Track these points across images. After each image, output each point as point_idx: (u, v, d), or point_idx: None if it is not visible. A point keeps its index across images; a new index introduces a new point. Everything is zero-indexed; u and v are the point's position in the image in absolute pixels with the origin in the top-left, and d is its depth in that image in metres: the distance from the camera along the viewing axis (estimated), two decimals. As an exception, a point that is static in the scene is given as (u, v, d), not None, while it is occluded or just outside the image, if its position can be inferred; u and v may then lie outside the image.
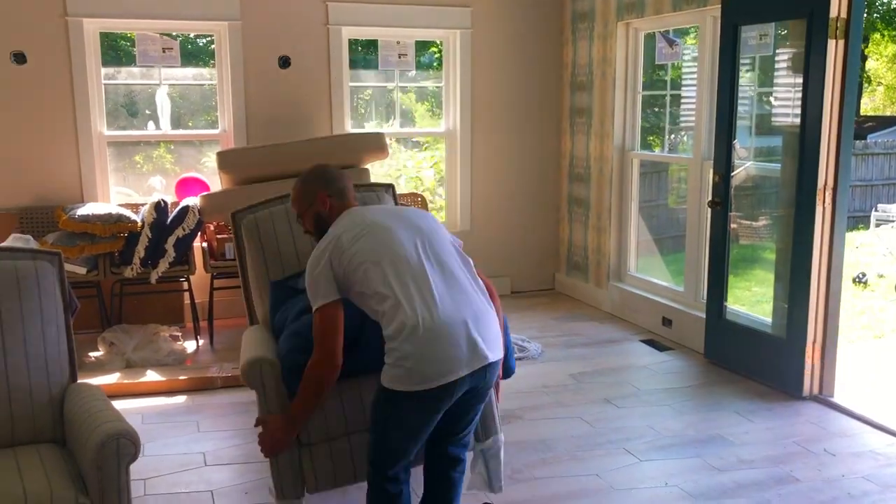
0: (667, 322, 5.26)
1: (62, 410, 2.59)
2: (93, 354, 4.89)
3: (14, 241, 4.84)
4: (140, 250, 5.00)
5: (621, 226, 5.85)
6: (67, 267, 4.83)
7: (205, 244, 5.34)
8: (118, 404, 4.03)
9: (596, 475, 3.36)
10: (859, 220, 12.74)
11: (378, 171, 6.17)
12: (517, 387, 4.36)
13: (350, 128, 5.97)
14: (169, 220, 5.09)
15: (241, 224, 3.37)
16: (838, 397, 4.12)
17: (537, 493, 3.21)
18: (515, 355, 4.78)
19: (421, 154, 6.84)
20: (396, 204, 3.58)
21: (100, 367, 4.70)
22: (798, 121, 4.09)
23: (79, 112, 5.30)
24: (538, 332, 5.42)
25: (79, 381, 2.79)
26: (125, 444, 2.20)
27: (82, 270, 4.95)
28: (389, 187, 3.64)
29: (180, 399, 4.29)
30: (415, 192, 5.91)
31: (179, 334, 5.17)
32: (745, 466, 3.42)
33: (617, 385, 4.42)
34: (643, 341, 5.21)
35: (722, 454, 3.53)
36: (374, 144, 5.30)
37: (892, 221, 11.57)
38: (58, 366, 2.65)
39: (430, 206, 6.23)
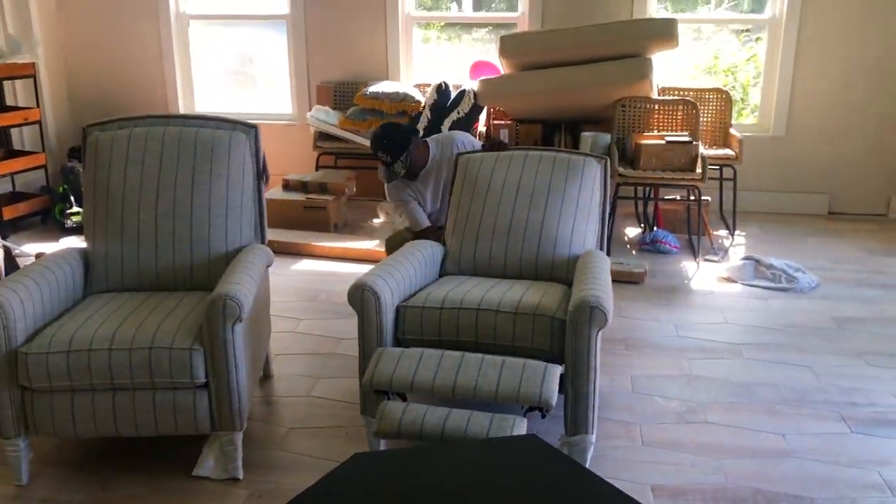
0: None
1: (235, 265, 2.92)
2: (374, 221, 5.37)
3: (316, 111, 5.43)
4: (420, 129, 5.26)
5: (976, 147, 4.63)
6: (357, 139, 5.31)
7: (484, 129, 5.43)
8: (357, 268, 4.45)
9: (782, 435, 2.87)
10: None
11: (681, 60, 5.63)
12: (758, 320, 3.84)
13: (655, 12, 5.49)
14: (449, 102, 5.26)
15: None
16: None
17: (697, 438, 2.85)
18: (781, 285, 4.20)
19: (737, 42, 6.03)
20: None
21: (372, 232, 5.15)
22: None
23: (385, -7, 5.62)
24: (829, 263, 4.64)
25: (266, 242, 3.12)
26: (231, 305, 2.42)
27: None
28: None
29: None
30: (720, 87, 5.27)
31: (452, 213, 5.41)
32: None
33: (887, 340, 3.64)
34: (963, 293, 4.18)
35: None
36: (662, 33, 4.82)
37: None
38: (238, 225, 2.98)
39: (737, 104, 5.54)
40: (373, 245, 4.82)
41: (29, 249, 4.79)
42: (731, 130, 5.11)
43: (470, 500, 1.77)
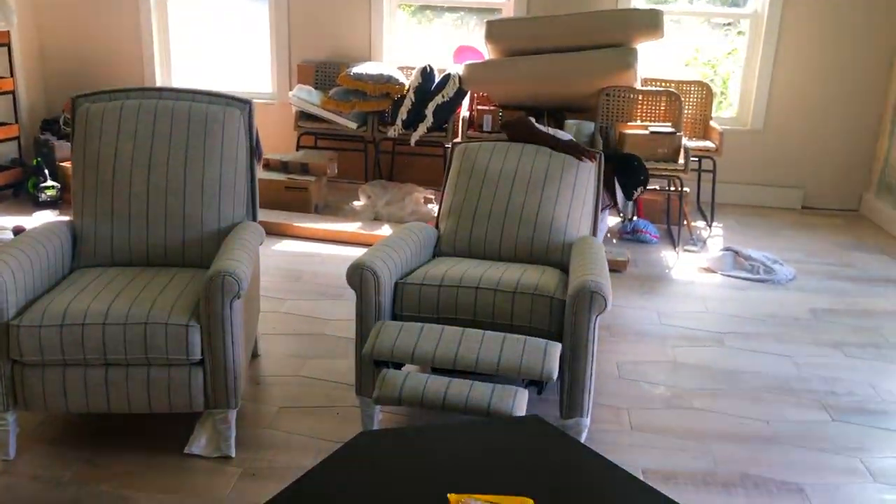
0: (972, 271, 4.26)
1: (228, 242, 2.89)
2: (355, 203, 5.33)
3: (299, 90, 5.37)
4: (403, 112, 5.25)
5: (948, 146, 4.76)
6: (339, 120, 5.27)
7: (467, 114, 5.43)
8: (339, 250, 4.45)
9: (766, 422, 2.93)
10: None
11: (663, 51, 5.68)
12: (737, 310, 3.92)
13: (644, 2, 5.52)
14: (433, 86, 5.24)
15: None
16: None
17: (684, 423, 2.90)
18: (759, 276, 4.28)
19: (718, 35, 6.10)
20: None
21: (353, 215, 5.13)
22: None
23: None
24: (804, 256, 4.74)
25: (258, 220, 3.09)
26: (230, 282, 2.40)
27: (353, 125, 5.34)
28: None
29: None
30: (701, 80, 5.34)
31: (433, 197, 5.41)
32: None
33: (862, 331, 3.74)
34: (933, 288, 4.30)
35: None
36: (648, 23, 4.85)
37: None
38: (231, 202, 2.94)
39: (717, 97, 5.61)
40: (354, 227, 4.79)
41: (4, 222, 4.68)
42: (712, 123, 5.18)
43: (477, 479, 1.79)
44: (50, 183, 5.11)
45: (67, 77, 6.05)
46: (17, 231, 4.40)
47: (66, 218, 2.92)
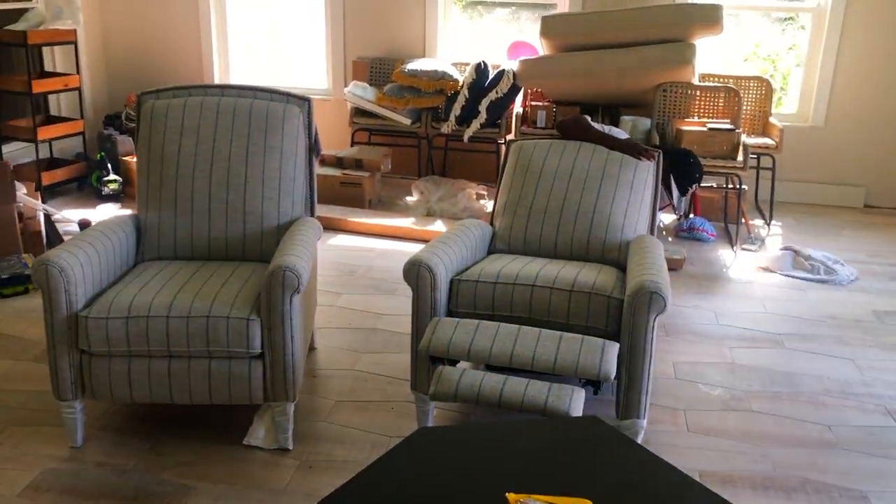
0: None
1: (287, 238, 2.93)
2: (408, 198, 5.36)
3: (354, 87, 5.41)
4: (456, 108, 5.25)
5: None
6: (394, 116, 5.30)
7: (521, 110, 5.40)
8: (393, 245, 4.48)
9: (827, 427, 2.87)
10: None
11: (722, 46, 5.58)
12: (797, 311, 3.84)
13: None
14: (487, 82, 5.23)
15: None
16: None
17: (742, 426, 2.85)
18: (820, 277, 4.19)
19: (778, 30, 5.96)
20: None
21: (406, 210, 5.15)
22: None
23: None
24: (866, 256, 4.61)
25: (315, 216, 3.12)
26: (290, 277, 2.43)
27: (407, 122, 5.36)
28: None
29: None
30: (760, 76, 5.23)
31: (485, 193, 5.41)
32: None
33: (928, 335, 3.63)
34: None
35: None
36: (707, 18, 4.77)
37: None
38: (290, 197, 2.98)
39: (777, 93, 5.49)
40: (408, 223, 4.82)
41: (69, 215, 4.82)
42: (771, 119, 5.07)
43: (534, 478, 1.79)
44: (112, 177, 5.24)
45: (129, 73, 6.19)
46: (83, 224, 4.53)
47: (130, 212, 3.00)
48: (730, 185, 4.87)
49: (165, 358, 2.50)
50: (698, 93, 4.94)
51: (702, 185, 5.24)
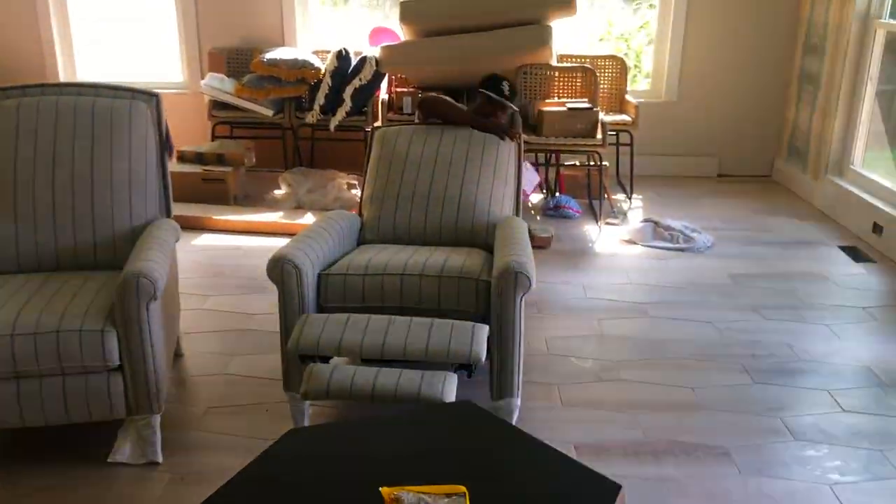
0: (877, 229, 4.44)
1: (142, 242, 2.79)
2: (276, 192, 5.23)
3: (210, 79, 5.22)
4: (320, 97, 5.16)
5: (851, 109, 4.94)
6: (255, 108, 5.15)
7: (386, 96, 5.36)
8: (261, 242, 4.37)
9: (691, 388, 3.01)
10: None
11: (578, 28, 5.72)
12: (659, 279, 4.00)
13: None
14: (350, 69, 5.16)
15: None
16: None
17: (613, 395, 2.95)
18: (679, 245, 4.37)
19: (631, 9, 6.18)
20: None
21: (275, 204, 5.02)
22: None
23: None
24: (720, 223, 4.86)
25: (172, 216, 2.99)
26: (144, 284, 2.32)
27: (269, 113, 5.22)
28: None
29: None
30: (615, 54, 5.40)
31: (356, 182, 5.34)
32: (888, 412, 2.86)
33: (779, 294, 3.86)
34: (842, 247, 4.47)
35: (863, 394, 2.98)
36: (562, 0, 4.87)
37: None
38: (143, 199, 2.84)
39: (631, 71, 5.69)
40: (276, 217, 4.70)
41: None
42: (627, 96, 5.25)
43: (409, 469, 1.77)
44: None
45: (-38, 74, 5.73)
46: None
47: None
48: (591, 163, 5.01)
49: (13, 380, 2.33)
50: (557, 74, 5.05)
51: (565, 164, 5.38)
